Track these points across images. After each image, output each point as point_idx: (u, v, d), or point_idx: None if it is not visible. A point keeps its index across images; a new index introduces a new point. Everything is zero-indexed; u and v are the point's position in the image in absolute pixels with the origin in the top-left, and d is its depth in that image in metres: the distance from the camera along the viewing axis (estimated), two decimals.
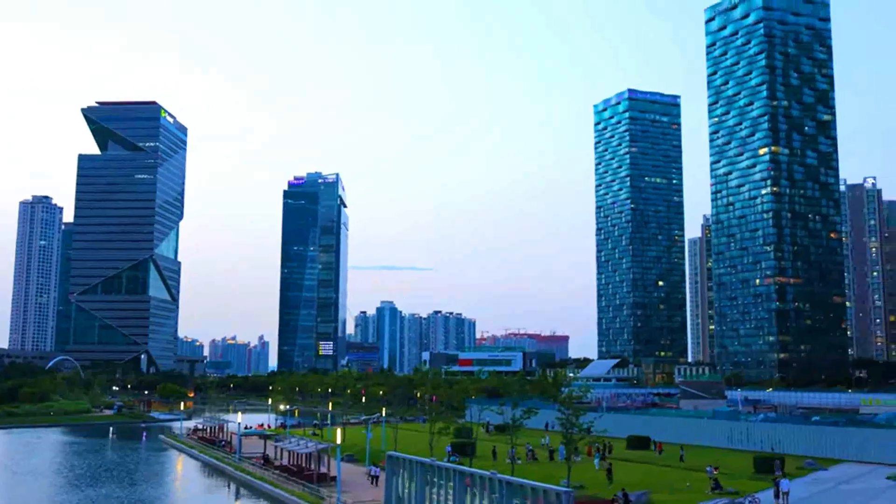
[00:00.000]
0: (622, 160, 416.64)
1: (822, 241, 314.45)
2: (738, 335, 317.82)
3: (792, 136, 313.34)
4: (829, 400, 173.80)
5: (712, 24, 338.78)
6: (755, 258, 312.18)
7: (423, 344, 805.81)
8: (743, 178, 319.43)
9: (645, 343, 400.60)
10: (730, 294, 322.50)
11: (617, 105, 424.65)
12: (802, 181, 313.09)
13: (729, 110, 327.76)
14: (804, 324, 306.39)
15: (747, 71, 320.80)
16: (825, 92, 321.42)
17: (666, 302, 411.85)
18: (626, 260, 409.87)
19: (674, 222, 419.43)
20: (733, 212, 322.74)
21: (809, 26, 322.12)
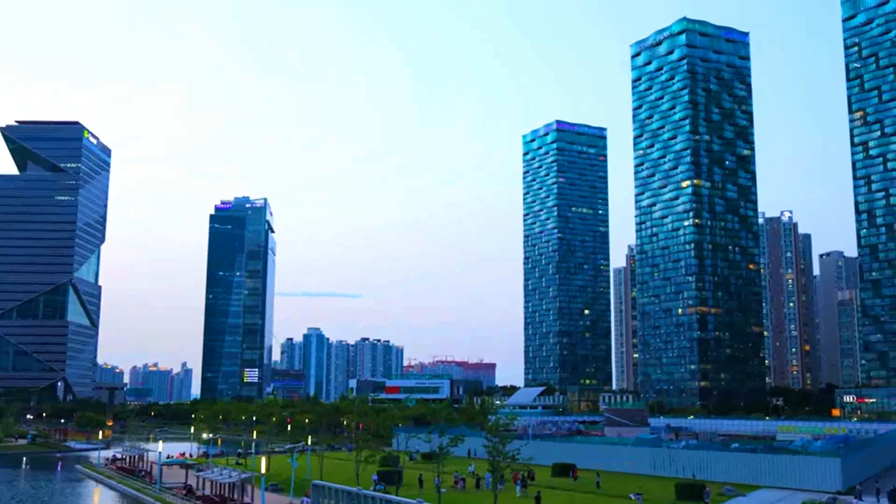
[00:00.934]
0: (550, 190, 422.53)
1: (742, 272, 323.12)
2: (661, 363, 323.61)
3: (713, 170, 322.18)
4: (748, 427, 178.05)
5: (638, 59, 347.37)
6: (678, 288, 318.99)
7: (350, 371, 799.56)
8: (666, 210, 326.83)
9: (571, 371, 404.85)
10: (653, 323, 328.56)
11: (545, 136, 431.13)
12: (723, 214, 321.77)
13: (653, 143, 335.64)
14: (724, 353, 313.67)
15: (671, 106, 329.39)
16: (745, 128, 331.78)
17: (591, 330, 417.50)
18: (552, 289, 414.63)
19: (599, 252, 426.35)
20: (657, 242, 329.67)
21: (730, 64, 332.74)
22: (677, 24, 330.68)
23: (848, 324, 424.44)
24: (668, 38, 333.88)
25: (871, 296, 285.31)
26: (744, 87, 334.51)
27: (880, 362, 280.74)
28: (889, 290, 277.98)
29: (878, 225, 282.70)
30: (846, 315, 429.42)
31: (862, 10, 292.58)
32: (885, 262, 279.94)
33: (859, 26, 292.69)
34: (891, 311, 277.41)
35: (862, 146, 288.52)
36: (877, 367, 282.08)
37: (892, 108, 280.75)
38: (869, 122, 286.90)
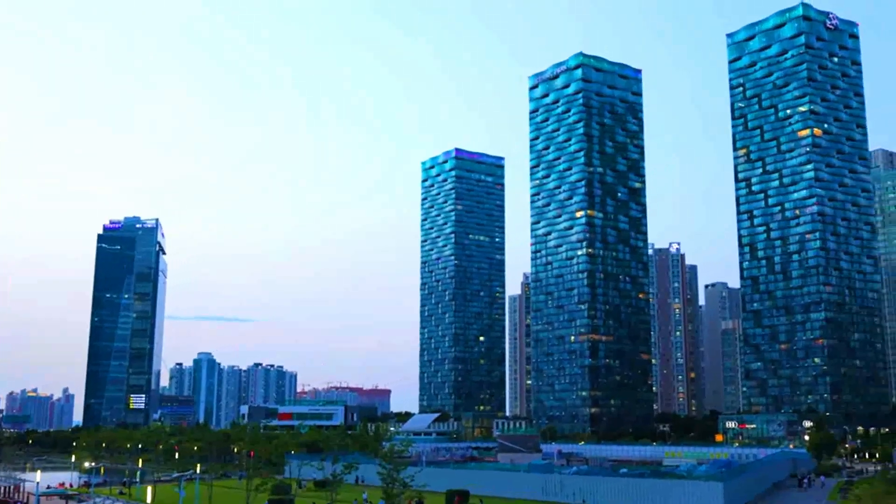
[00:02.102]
0: (448, 217, 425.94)
1: (632, 301, 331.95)
2: (554, 390, 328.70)
3: (606, 201, 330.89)
4: (636, 452, 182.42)
5: (536, 91, 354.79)
6: (570, 315, 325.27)
7: (242, 397, 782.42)
8: (561, 239, 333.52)
9: (465, 397, 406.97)
10: (546, 350, 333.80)
11: (444, 163, 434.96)
12: (615, 244, 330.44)
13: (549, 174, 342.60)
14: (614, 379, 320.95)
15: (567, 138, 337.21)
16: (637, 161, 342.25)
17: (486, 357, 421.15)
18: (448, 315, 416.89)
19: (495, 279, 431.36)
20: (551, 271, 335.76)
21: (624, 99, 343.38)
22: (574, 59, 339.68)
23: (731, 352, 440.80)
24: (565, 72, 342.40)
25: (752, 326, 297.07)
26: (636, 121, 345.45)
27: (760, 389, 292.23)
28: (769, 321, 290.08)
29: (759, 258, 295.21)
30: (729, 344, 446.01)
31: (746, 53, 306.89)
32: (765, 294, 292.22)
33: (744, 68, 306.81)
34: (770, 341, 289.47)
35: (745, 182, 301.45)
36: (757, 394, 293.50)
37: (773, 147, 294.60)
38: (752, 159, 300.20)
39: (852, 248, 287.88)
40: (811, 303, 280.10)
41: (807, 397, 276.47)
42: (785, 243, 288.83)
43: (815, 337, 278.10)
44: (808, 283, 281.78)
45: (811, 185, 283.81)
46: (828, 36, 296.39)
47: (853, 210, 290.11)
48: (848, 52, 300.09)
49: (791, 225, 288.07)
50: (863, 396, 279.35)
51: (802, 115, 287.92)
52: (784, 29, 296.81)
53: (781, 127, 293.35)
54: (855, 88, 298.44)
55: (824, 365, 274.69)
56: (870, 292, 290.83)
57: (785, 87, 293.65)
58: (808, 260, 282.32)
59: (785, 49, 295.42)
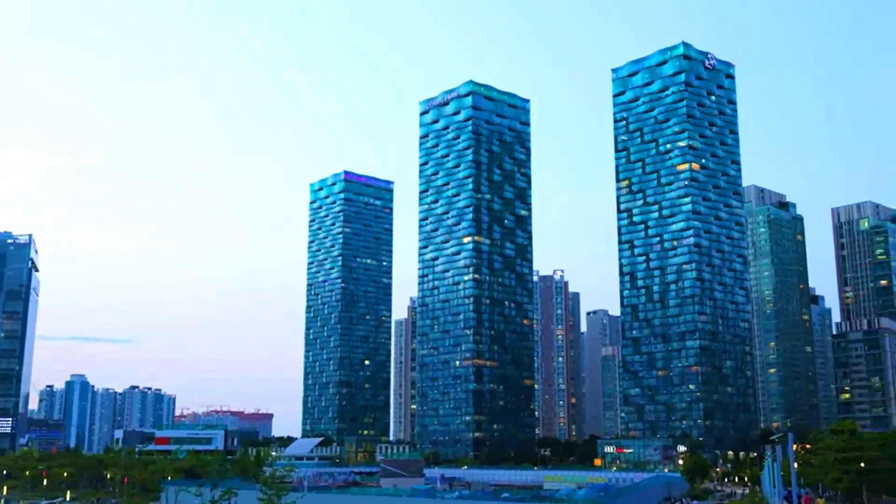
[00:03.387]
0: (335, 240, 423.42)
1: (517, 326, 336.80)
2: (438, 415, 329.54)
3: (493, 228, 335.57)
4: (517, 477, 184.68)
5: (426, 116, 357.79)
6: (456, 341, 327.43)
7: (117, 421, 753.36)
8: (448, 264, 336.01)
9: (349, 421, 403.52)
10: (431, 375, 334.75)
11: (333, 185, 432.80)
12: (501, 270, 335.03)
13: (438, 199, 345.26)
14: (498, 404, 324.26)
15: (456, 164, 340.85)
16: (524, 189, 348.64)
17: (371, 381, 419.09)
18: (334, 338, 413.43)
19: (382, 303, 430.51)
20: (438, 296, 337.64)
21: (512, 128, 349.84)
22: (465, 86, 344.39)
23: (610, 378, 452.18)
24: (456, 99, 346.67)
25: (631, 352, 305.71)
26: (524, 150, 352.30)
27: (638, 415, 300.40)
28: (647, 348, 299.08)
29: (638, 287, 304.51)
30: (609, 370, 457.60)
31: (630, 88, 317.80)
32: (644, 322, 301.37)
33: (627, 102, 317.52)
34: (648, 367, 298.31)
35: (627, 213, 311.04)
36: (635, 419, 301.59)
37: (653, 179, 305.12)
38: (633, 190, 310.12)
39: (726, 279, 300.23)
40: (687, 331, 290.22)
41: (681, 422, 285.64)
42: (663, 273, 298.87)
43: (689, 364, 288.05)
44: (685, 312, 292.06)
45: (689, 218, 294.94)
46: (706, 75, 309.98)
47: (727, 242, 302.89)
48: (724, 91, 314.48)
49: (669, 255, 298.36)
50: (733, 422, 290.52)
51: (682, 149, 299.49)
52: (666, 66, 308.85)
53: (662, 160, 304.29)
54: (730, 126, 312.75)
55: (698, 391, 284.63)
56: (741, 322, 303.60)
57: (665, 122, 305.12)
58: (685, 289, 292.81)
59: (666, 86, 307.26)
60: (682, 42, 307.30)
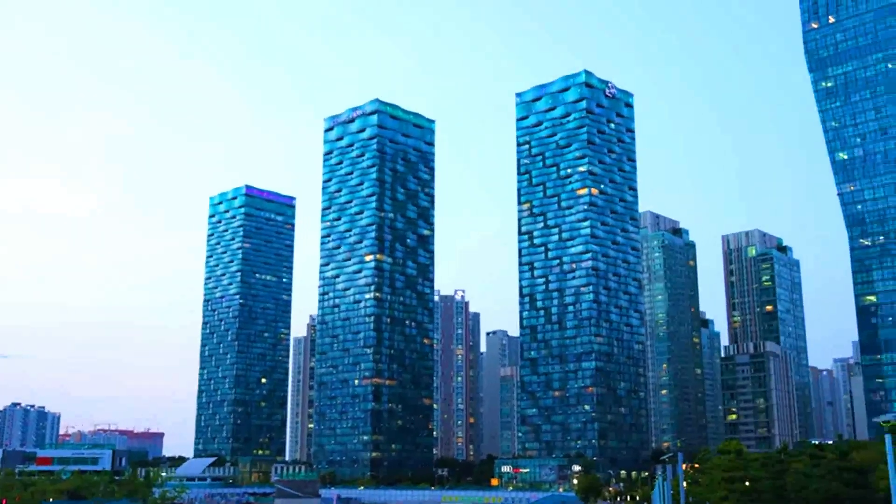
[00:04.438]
0: (234, 255, 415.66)
1: (417, 346, 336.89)
2: (336, 434, 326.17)
3: (395, 247, 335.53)
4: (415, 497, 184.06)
5: (331, 133, 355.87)
6: (355, 359, 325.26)
7: None
8: (349, 282, 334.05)
9: (244, 441, 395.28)
10: (329, 393, 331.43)
11: (233, 200, 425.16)
12: (402, 289, 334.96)
13: (341, 216, 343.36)
14: (396, 424, 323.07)
15: (360, 182, 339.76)
16: (427, 209, 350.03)
17: (268, 399, 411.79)
18: (230, 356, 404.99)
19: (281, 320, 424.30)
20: (338, 313, 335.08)
21: (417, 148, 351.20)
22: (370, 104, 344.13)
23: (508, 398, 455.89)
24: (361, 117, 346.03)
25: (529, 373, 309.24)
26: (428, 170, 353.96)
27: (534, 435, 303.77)
28: (545, 368, 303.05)
29: (538, 308, 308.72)
30: (507, 390, 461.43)
31: (533, 112, 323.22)
32: (542, 343, 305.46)
33: (530, 127, 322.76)
34: (545, 388, 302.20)
35: (528, 235, 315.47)
36: (531, 439, 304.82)
37: (554, 203, 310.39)
38: (535, 213, 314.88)
39: (621, 302, 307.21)
40: (583, 352, 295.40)
41: (577, 442, 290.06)
42: (562, 295, 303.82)
43: (585, 385, 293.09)
44: (581, 334, 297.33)
45: (587, 242, 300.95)
46: (607, 103, 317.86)
47: (623, 266, 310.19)
48: (623, 119, 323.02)
49: (568, 278, 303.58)
50: (626, 442, 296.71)
51: (582, 174, 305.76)
52: (568, 93, 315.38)
53: (563, 185, 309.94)
54: (628, 153, 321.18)
55: (593, 412, 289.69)
56: (635, 344, 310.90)
57: (567, 147, 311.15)
58: (582, 312, 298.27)
59: (568, 112, 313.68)
60: (584, 70, 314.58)
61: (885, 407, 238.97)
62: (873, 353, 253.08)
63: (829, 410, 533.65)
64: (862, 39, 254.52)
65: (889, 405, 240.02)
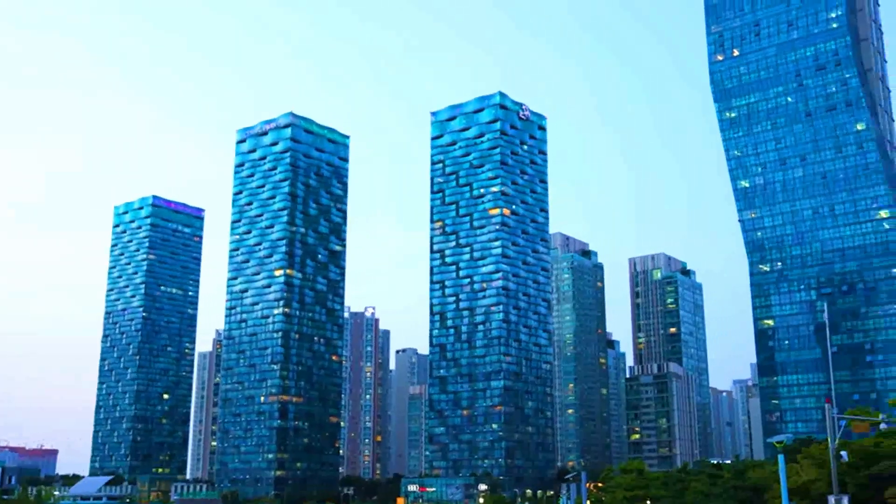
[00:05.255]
0: (139, 267, 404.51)
1: (325, 363, 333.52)
2: (239, 452, 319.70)
3: (306, 262, 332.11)
4: None
5: (243, 145, 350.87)
6: (262, 376, 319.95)
7: None
8: (258, 297, 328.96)
9: (143, 459, 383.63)
10: (234, 410, 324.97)
11: (139, 210, 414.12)
12: (312, 305, 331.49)
13: (251, 230, 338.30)
14: (302, 442, 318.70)
15: (271, 195, 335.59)
16: (339, 225, 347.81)
17: (169, 416, 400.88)
18: (131, 370, 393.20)
19: (186, 335, 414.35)
20: (245, 329, 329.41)
21: (330, 163, 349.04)
22: (284, 118, 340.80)
23: (416, 416, 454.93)
24: (275, 130, 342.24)
25: (437, 391, 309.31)
26: (341, 186, 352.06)
27: (442, 453, 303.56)
28: (453, 387, 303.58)
29: (448, 326, 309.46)
30: (416, 408, 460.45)
31: (448, 132, 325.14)
32: (451, 361, 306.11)
33: (445, 146, 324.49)
34: (453, 406, 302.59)
35: (439, 254, 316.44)
36: (438, 458, 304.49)
37: (466, 222, 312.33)
38: (447, 232, 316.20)
39: (530, 322, 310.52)
40: (492, 371, 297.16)
41: (484, 461, 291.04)
42: (472, 314, 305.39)
43: (494, 404, 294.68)
44: (491, 353, 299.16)
45: (498, 261, 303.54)
46: (520, 125, 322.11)
47: (533, 287, 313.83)
48: (536, 141, 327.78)
49: (479, 297, 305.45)
50: (533, 461, 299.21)
51: (494, 195, 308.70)
52: (483, 114, 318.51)
53: (475, 204, 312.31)
54: (540, 175, 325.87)
55: (501, 431, 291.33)
56: (543, 363, 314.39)
57: (480, 167, 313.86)
58: (492, 331, 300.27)
59: (482, 132, 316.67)
60: (499, 92, 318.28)
61: (780, 428, 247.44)
62: (770, 375, 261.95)
63: (728, 430, 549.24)
64: (764, 73, 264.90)
65: (784, 426, 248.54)
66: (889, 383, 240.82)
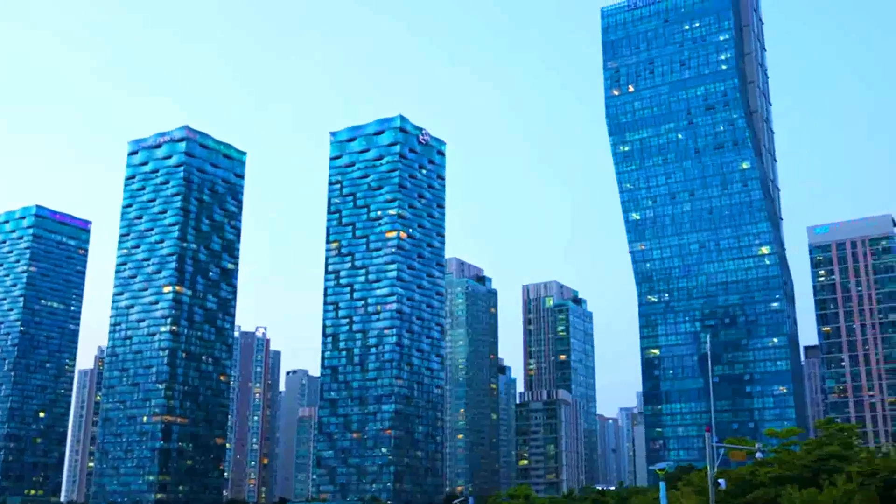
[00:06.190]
0: (18, 278, 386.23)
1: (213, 383, 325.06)
2: (119, 474, 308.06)
3: (197, 279, 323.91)
4: None
5: (135, 157, 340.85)
6: (146, 395, 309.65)
7: None
8: (145, 314, 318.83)
9: (15, 479, 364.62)
10: (115, 430, 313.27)
11: (21, 220, 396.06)
12: (201, 323, 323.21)
13: (140, 244, 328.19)
14: (185, 464, 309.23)
15: (163, 210, 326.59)
16: (232, 242, 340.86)
17: (45, 435, 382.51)
18: (6, 387, 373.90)
19: (66, 351, 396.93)
20: (130, 346, 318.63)
21: (226, 180, 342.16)
22: (179, 131, 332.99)
23: (305, 439, 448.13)
24: (169, 143, 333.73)
25: (327, 414, 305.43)
26: (236, 203, 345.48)
27: (329, 477, 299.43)
28: (344, 409, 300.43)
29: (340, 348, 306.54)
30: (304, 431, 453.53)
31: (347, 152, 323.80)
32: (343, 383, 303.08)
33: (343, 166, 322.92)
34: (343, 429, 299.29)
35: (334, 275, 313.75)
36: (326, 481, 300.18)
37: (363, 244, 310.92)
38: (343, 253, 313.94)
39: (423, 346, 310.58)
40: (383, 395, 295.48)
41: (372, 485, 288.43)
42: (365, 336, 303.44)
43: (384, 427, 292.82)
44: (383, 376, 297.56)
45: (393, 284, 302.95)
46: (420, 149, 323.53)
47: (427, 311, 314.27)
48: (434, 166, 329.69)
49: (372, 319, 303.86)
50: (421, 485, 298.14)
51: (391, 217, 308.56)
52: (383, 136, 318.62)
53: (372, 226, 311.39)
54: (438, 200, 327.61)
55: (390, 455, 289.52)
56: (435, 388, 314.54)
57: (378, 189, 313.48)
58: (385, 354, 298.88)
59: (382, 155, 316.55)
60: (399, 115, 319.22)
61: (663, 455, 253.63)
62: (655, 403, 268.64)
63: (613, 457, 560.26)
64: (657, 109, 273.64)
65: (667, 453, 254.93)
66: (766, 413, 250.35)
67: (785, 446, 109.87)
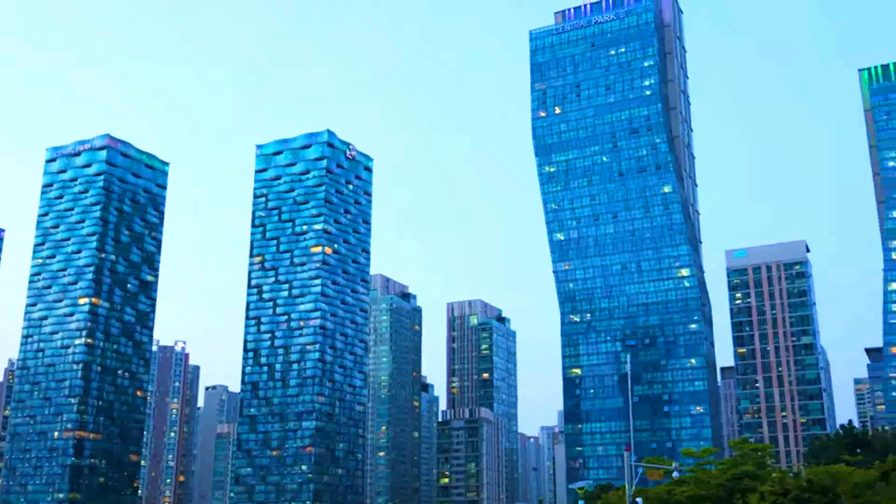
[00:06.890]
0: None
1: (129, 398, 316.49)
2: (27, 491, 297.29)
3: (114, 291, 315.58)
4: None
5: (53, 164, 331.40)
6: (58, 409, 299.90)
7: None
8: (58, 326, 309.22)
9: None
10: (24, 446, 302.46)
11: None
12: (118, 337, 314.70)
13: (55, 254, 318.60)
14: (97, 481, 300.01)
15: (81, 219, 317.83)
16: (153, 254, 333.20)
17: None
18: None
19: None
20: (42, 359, 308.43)
21: (147, 190, 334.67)
22: (99, 139, 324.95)
23: (223, 456, 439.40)
24: (89, 151, 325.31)
25: (247, 430, 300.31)
26: (157, 214, 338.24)
27: (247, 495, 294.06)
28: (263, 426, 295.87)
29: (262, 364, 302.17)
30: (223, 448, 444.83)
31: (273, 166, 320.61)
32: (263, 399, 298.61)
33: (269, 180, 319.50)
34: (263, 447, 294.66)
35: (257, 289, 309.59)
36: (244, 499, 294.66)
37: (287, 259, 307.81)
38: (266, 267, 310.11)
39: (346, 363, 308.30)
40: (304, 411, 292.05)
41: None
42: (287, 352, 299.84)
43: (304, 445, 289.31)
44: (304, 393, 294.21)
45: (317, 300, 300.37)
46: (347, 164, 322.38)
47: (351, 327, 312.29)
48: (361, 182, 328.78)
49: (295, 335, 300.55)
50: None
51: (317, 232, 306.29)
52: (310, 150, 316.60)
53: (297, 241, 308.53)
54: (364, 216, 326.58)
55: (310, 472, 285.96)
56: (357, 405, 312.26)
57: (304, 204, 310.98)
58: (307, 370, 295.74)
59: (308, 169, 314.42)
60: (327, 129, 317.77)
61: (583, 474, 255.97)
62: (575, 422, 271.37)
63: (534, 476, 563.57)
64: (582, 132, 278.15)
65: (587, 472, 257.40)
66: (683, 433, 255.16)
67: (701, 465, 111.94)
